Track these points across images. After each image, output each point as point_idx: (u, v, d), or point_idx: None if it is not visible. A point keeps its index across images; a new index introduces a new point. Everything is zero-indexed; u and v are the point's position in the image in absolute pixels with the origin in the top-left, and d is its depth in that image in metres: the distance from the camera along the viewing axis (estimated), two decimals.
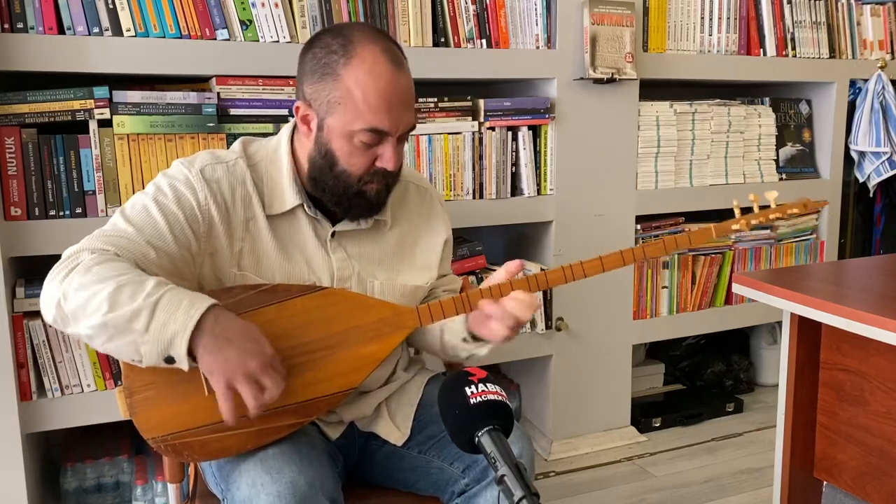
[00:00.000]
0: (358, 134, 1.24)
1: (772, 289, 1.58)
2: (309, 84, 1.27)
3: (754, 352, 3.06)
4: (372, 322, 1.26)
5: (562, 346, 2.44)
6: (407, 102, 1.27)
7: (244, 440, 1.21)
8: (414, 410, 1.41)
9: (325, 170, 1.28)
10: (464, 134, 2.20)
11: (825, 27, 2.74)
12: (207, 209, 1.26)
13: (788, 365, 1.68)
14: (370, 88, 1.22)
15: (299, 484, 1.15)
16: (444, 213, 1.52)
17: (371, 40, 1.24)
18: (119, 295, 1.09)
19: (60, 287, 1.12)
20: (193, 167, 1.28)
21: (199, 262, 1.27)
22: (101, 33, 1.79)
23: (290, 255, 1.32)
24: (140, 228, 1.21)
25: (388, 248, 1.41)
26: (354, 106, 1.23)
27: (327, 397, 1.24)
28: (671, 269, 2.59)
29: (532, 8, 2.25)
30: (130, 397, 1.20)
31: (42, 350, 1.82)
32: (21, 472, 1.82)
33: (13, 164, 1.76)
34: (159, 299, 1.10)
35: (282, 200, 1.31)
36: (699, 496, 2.24)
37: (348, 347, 1.25)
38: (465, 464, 1.33)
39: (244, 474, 1.18)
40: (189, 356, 1.10)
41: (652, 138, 2.49)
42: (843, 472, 1.65)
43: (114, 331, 1.10)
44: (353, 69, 1.22)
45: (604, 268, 1.31)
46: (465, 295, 1.27)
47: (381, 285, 1.38)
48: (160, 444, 1.20)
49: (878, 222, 3.06)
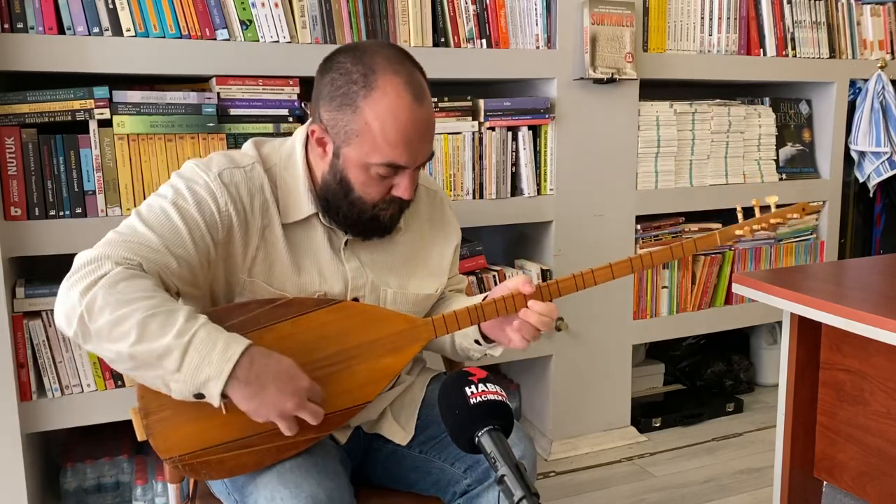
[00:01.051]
0: (375, 167, 1.22)
1: (772, 289, 1.58)
2: (326, 110, 1.24)
3: (754, 352, 3.06)
4: (388, 335, 1.26)
5: (562, 346, 2.44)
6: (426, 135, 1.24)
7: (262, 457, 1.20)
8: (418, 410, 1.41)
9: (339, 195, 1.27)
10: (464, 134, 2.20)
11: (825, 27, 2.74)
12: (228, 215, 1.23)
13: (788, 365, 1.68)
14: (390, 124, 1.19)
15: (319, 497, 1.15)
16: (454, 218, 1.51)
17: (394, 71, 1.20)
18: (149, 325, 1.07)
19: (82, 301, 1.08)
20: (211, 171, 1.24)
21: (213, 269, 1.25)
22: (101, 33, 1.79)
23: (303, 263, 1.30)
24: (161, 235, 1.18)
25: (400, 255, 1.40)
26: (373, 140, 1.20)
27: (344, 411, 1.24)
28: (671, 269, 2.59)
29: (532, 8, 2.25)
30: (146, 418, 1.18)
31: (42, 350, 1.82)
32: (21, 472, 1.82)
33: (13, 164, 1.76)
34: (192, 339, 1.08)
35: (297, 209, 1.29)
36: (699, 496, 2.24)
37: (365, 361, 1.24)
38: (466, 464, 1.33)
39: (261, 488, 1.18)
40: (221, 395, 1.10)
41: (652, 138, 2.49)
42: (843, 472, 1.65)
43: (141, 363, 1.09)
44: (373, 103, 1.19)
45: (614, 275, 1.32)
46: (479, 306, 1.27)
47: (393, 294, 1.37)
48: (178, 464, 1.19)
49: (878, 222, 3.06)
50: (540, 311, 1.25)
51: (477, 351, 1.39)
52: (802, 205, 1.41)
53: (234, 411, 1.14)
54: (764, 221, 1.38)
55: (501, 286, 1.30)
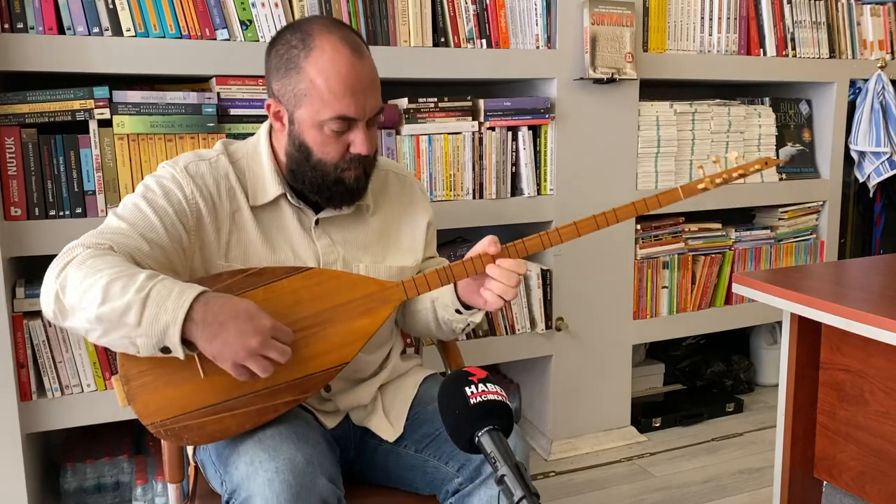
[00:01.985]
0: (327, 123, 1.27)
1: (772, 289, 1.58)
2: (276, 81, 1.31)
3: (754, 352, 3.06)
4: (359, 297, 1.28)
5: (562, 346, 2.44)
6: (370, 87, 1.29)
7: (243, 420, 1.22)
8: (408, 407, 1.43)
9: (301, 162, 1.32)
10: (464, 134, 2.20)
11: (825, 27, 2.74)
12: (195, 202, 1.29)
13: (788, 365, 1.68)
14: (332, 76, 1.25)
15: (297, 460, 1.17)
16: (424, 198, 1.55)
17: (328, 30, 1.27)
18: (111, 288, 1.11)
19: (57, 281, 1.14)
20: (178, 165, 1.32)
21: (189, 256, 1.30)
22: (101, 33, 1.79)
23: (276, 244, 1.35)
24: (132, 223, 1.24)
25: (372, 234, 1.44)
26: (319, 95, 1.26)
27: (322, 373, 1.26)
28: (671, 269, 2.59)
29: (532, 8, 2.25)
30: (128, 384, 1.21)
31: (42, 350, 1.82)
32: (21, 472, 1.82)
33: (13, 164, 1.76)
34: (149, 292, 1.11)
35: (264, 192, 1.35)
36: (699, 496, 2.24)
37: (338, 323, 1.27)
38: (459, 462, 1.33)
39: (242, 454, 1.20)
40: (186, 345, 1.12)
41: (652, 138, 2.49)
42: (843, 472, 1.65)
43: (108, 324, 1.12)
44: (313, 60, 1.26)
45: (579, 233, 1.35)
46: (448, 266, 1.30)
47: (366, 268, 1.41)
48: (159, 429, 1.21)
49: (878, 222, 3.06)
50: (508, 267, 1.28)
51: (459, 321, 1.41)
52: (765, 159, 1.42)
53: (213, 374, 1.18)
54: (725, 174, 1.39)
55: (470, 250, 1.33)
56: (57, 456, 2.20)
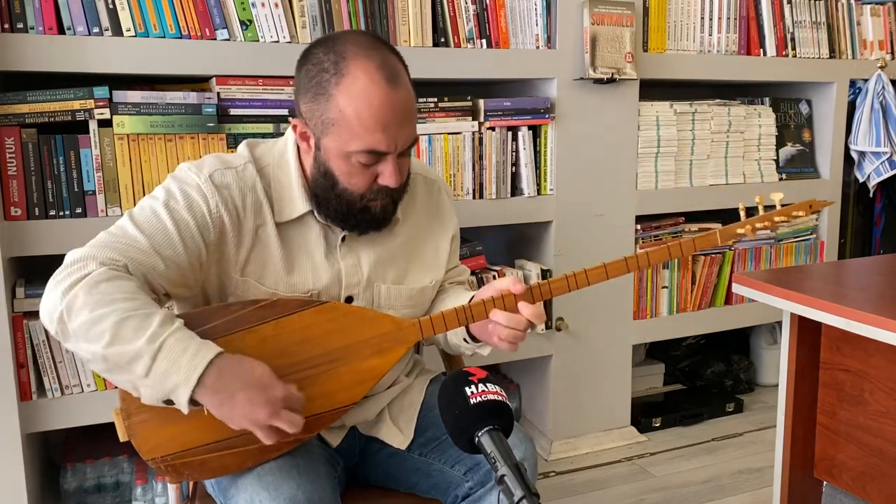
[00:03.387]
0: (355, 155, 1.20)
1: (772, 289, 1.58)
2: (304, 102, 1.23)
3: (754, 352, 3.06)
4: (373, 337, 1.24)
5: (562, 346, 2.44)
6: (405, 119, 1.21)
7: (244, 458, 1.19)
8: (417, 413, 1.40)
9: (327, 189, 1.25)
10: (464, 134, 2.20)
11: (825, 27, 2.74)
12: (219, 216, 1.22)
13: (788, 365, 1.68)
14: (363, 108, 1.17)
15: (298, 499, 1.15)
16: (451, 208, 1.49)
17: (365, 55, 1.18)
18: (123, 327, 1.06)
19: (64, 300, 1.08)
20: (202, 173, 1.24)
21: (205, 270, 1.24)
22: (101, 33, 1.79)
23: (297, 262, 1.29)
24: (150, 236, 1.17)
25: (398, 247, 1.38)
26: (349, 127, 1.18)
27: (329, 413, 1.23)
28: (671, 269, 2.59)
29: (532, 8, 2.25)
30: (128, 419, 1.18)
31: (42, 350, 1.82)
32: (21, 472, 1.82)
33: (13, 164, 1.76)
34: (162, 344, 1.06)
35: (292, 207, 1.28)
36: (699, 496, 2.24)
37: (349, 363, 1.23)
38: (467, 466, 1.32)
39: (241, 490, 1.18)
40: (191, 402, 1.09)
41: (652, 138, 2.49)
42: (843, 472, 1.65)
43: (114, 366, 1.08)
44: (345, 88, 1.17)
45: (608, 275, 1.29)
46: (468, 307, 1.25)
47: (388, 290, 1.36)
48: (160, 465, 1.19)
49: (878, 222, 3.06)
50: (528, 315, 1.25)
51: (467, 349, 1.38)
52: (810, 202, 1.35)
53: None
54: (767, 219, 1.33)
55: (489, 286, 1.28)
56: (57, 456, 2.20)
